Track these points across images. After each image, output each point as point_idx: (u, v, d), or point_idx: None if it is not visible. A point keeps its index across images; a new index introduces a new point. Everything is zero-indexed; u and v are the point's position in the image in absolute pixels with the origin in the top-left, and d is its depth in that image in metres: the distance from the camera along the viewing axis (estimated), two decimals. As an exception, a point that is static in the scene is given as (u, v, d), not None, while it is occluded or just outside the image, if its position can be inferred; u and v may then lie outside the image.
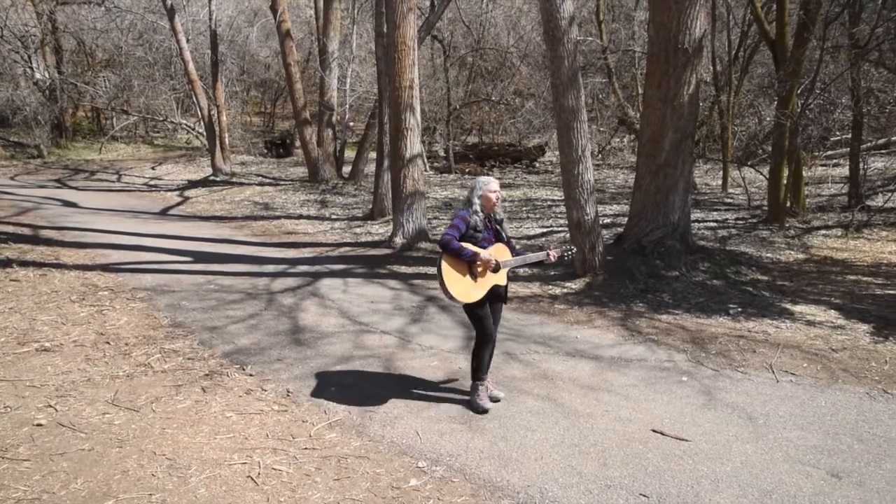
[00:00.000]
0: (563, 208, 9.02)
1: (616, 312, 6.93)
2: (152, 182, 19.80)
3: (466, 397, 4.81)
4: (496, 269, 4.53)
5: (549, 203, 13.80)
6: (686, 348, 5.83)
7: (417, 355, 5.74)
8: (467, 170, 18.97)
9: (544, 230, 10.99)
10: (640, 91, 17.11)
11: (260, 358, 5.68)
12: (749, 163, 14.19)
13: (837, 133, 14.90)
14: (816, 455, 3.98)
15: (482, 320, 4.55)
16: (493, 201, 4.60)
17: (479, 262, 4.45)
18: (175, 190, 18.13)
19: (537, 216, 12.39)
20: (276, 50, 24.43)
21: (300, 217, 13.44)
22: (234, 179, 18.95)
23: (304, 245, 10.78)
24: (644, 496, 3.57)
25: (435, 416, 4.56)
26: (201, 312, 6.97)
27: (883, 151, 14.80)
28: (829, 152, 15.33)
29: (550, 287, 7.92)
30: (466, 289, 4.45)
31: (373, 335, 6.29)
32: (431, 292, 7.81)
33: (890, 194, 11.91)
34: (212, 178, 19.43)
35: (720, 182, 15.18)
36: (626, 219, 9.36)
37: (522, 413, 4.58)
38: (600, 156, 20.50)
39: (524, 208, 13.31)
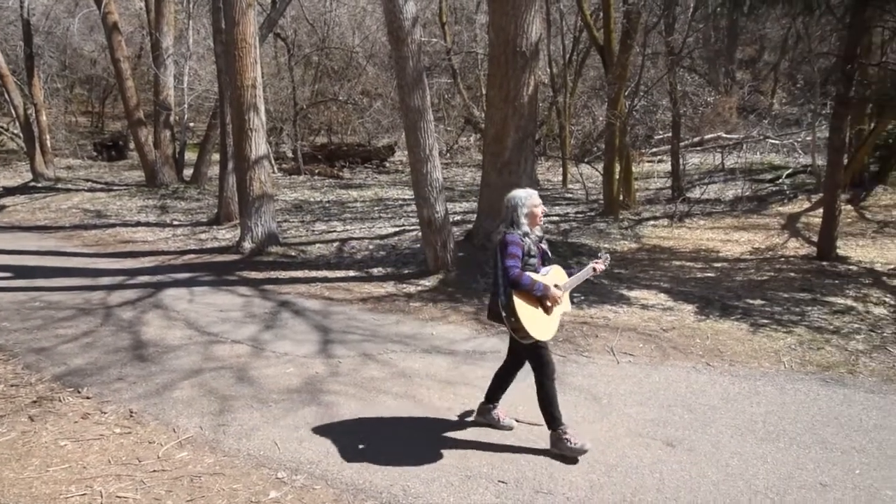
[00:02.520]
0: (414, 207, 9.14)
1: (469, 307, 7.13)
2: (-42, 190, 17.62)
3: (320, 407, 4.74)
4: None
5: (400, 202, 13.91)
6: (535, 337, 6.11)
7: (272, 363, 5.58)
8: (317, 170, 18.65)
9: (397, 229, 11.06)
10: (484, 92, 17.71)
11: (98, 378, 5.25)
12: (585, 160, 15.16)
13: (660, 132, 16.29)
14: (654, 427, 4.34)
15: (547, 353, 3.98)
16: (540, 217, 4.05)
17: (549, 298, 3.87)
18: (-13, 198, 16.26)
19: (389, 215, 12.45)
20: (103, 44, 22.59)
21: (138, 224, 12.56)
22: (59, 185, 17.31)
23: (144, 254, 10.09)
24: (503, 482, 3.71)
25: (293, 423, 4.45)
26: (25, 333, 6.32)
27: (698, 149, 16.36)
28: (654, 149, 16.71)
29: (405, 285, 8.00)
30: (543, 326, 3.87)
31: (223, 345, 6.02)
32: (284, 297, 7.61)
33: (705, 187, 13.21)
34: (32, 183, 17.62)
35: (561, 178, 16.05)
36: (475, 215, 9.65)
37: (382, 413, 4.59)
38: (448, 154, 20.96)
39: (376, 208, 13.32)
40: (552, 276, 4.00)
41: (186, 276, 8.65)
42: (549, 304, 3.91)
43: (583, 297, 7.28)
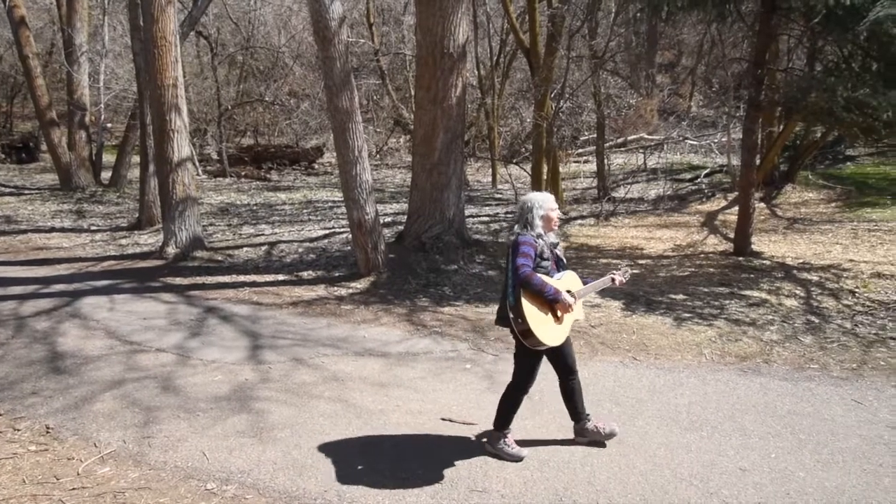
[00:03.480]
0: (344, 209, 9.05)
1: (401, 308, 7.12)
2: None
3: (250, 414, 4.64)
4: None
5: (329, 204, 13.76)
6: (468, 337, 6.17)
7: (199, 371, 5.41)
8: (243, 173, 18.22)
9: (327, 231, 10.94)
10: (413, 93, 17.71)
11: (9, 393, 4.97)
12: (514, 160, 15.38)
13: (586, 133, 16.71)
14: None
15: (535, 364, 3.92)
16: (555, 221, 3.96)
17: (560, 304, 3.77)
18: None
19: (319, 218, 12.30)
20: (10, 39, 21.35)
21: (52, 230, 11.94)
22: (-38, 190, 16.28)
23: (60, 261, 9.60)
24: (438, 482, 3.72)
25: (222, 432, 4.33)
26: (-73, 348, 5.92)
27: (622, 149, 16.86)
28: (580, 150, 17.13)
29: (336, 288, 7.91)
30: (552, 331, 3.76)
31: (147, 354, 5.80)
32: (211, 303, 7.40)
33: (629, 187, 13.63)
34: (-68, 188, 16.51)
35: (490, 179, 16.23)
36: (405, 217, 9.65)
37: (315, 418, 4.53)
38: (378, 156, 20.86)
39: (305, 210, 13.13)
40: (566, 282, 3.90)
41: (106, 284, 8.29)
42: (559, 310, 3.81)
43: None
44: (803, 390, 4.88)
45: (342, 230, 10.78)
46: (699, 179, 13.69)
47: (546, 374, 5.24)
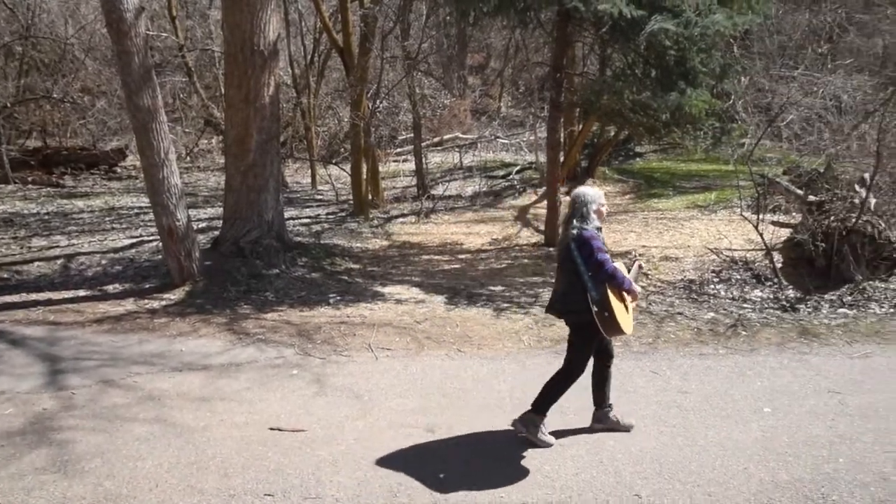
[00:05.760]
0: (152, 215, 8.42)
1: (221, 318, 6.79)
2: None
3: (51, 447, 4.19)
4: None
5: (136, 211, 12.74)
6: (294, 342, 6.03)
7: (-15, 405, 4.78)
8: (30, 178, 16.30)
9: (134, 240, 10.12)
10: (224, 92, 16.93)
11: None
12: (333, 161, 15.25)
13: (403, 132, 16.98)
14: (414, 416, 4.53)
15: (591, 351, 4.05)
16: (605, 216, 4.08)
17: (632, 292, 3.97)
18: None
19: (124, 226, 11.34)
20: None
21: None
22: None
23: None
24: (269, 495, 3.60)
25: (17, 472, 3.86)
26: None
27: (439, 148, 17.36)
28: (399, 149, 17.37)
29: (147, 301, 7.35)
30: (627, 319, 3.94)
31: (-85, 391, 5.01)
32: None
33: (447, 184, 14.08)
34: None
35: (310, 180, 15.95)
36: (221, 221, 9.21)
37: (129, 443, 4.19)
38: (189, 158, 19.65)
39: (107, 218, 12.04)
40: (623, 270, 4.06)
41: None
42: (630, 298, 4.03)
43: (339, 298, 7.34)
44: (612, 366, 5.34)
45: (151, 238, 10.03)
46: (511, 176, 14.47)
47: (373, 373, 5.28)
